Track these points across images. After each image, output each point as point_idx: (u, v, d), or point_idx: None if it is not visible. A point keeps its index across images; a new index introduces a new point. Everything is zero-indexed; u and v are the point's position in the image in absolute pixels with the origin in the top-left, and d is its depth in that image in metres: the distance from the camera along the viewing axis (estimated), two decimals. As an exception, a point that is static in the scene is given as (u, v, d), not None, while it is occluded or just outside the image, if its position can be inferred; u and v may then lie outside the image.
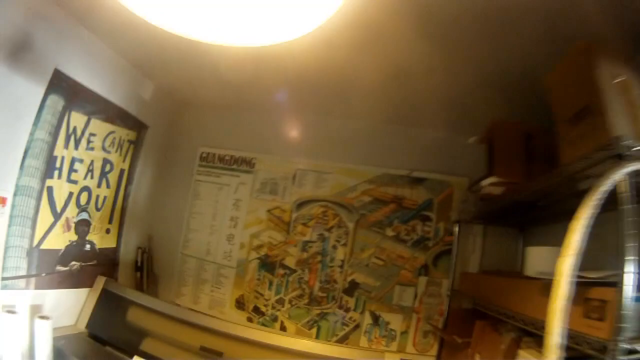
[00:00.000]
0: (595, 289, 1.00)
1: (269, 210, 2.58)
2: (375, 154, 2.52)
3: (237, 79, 2.24)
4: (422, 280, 2.33)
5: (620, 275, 0.91)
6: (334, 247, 2.46)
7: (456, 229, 2.27)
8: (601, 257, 1.37)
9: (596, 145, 1.08)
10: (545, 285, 1.30)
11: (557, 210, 1.70)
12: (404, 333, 2.33)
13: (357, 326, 2.38)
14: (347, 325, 2.39)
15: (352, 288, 2.41)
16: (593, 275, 1.04)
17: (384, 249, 2.39)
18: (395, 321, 2.34)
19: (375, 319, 2.36)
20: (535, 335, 1.34)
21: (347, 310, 2.40)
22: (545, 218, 1.93)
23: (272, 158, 2.63)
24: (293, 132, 2.65)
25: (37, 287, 1.82)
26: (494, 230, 2.30)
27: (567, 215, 1.76)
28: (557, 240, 1.80)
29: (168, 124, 2.75)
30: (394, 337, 2.34)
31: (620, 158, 1.00)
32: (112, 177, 2.28)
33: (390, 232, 2.40)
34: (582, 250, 0.89)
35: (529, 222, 2.06)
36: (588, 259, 1.47)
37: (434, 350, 2.26)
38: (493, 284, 1.75)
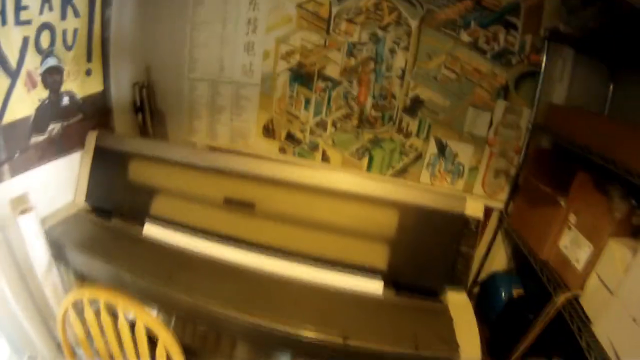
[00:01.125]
0: None
1: (299, 5, 1.77)
2: None
3: None
4: (501, 104, 1.77)
5: None
6: (392, 51, 1.74)
7: (545, 46, 1.76)
8: None
9: None
10: None
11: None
12: (473, 169, 1.79)
13: (420, 156, 1.76)
14: (407, 155, 1.75)
15: (414, 106, 1.75)
16: None
17: (457, 57, 1.75)
18: (465, 153, 1.78)
19: (442, 149, 1.77)
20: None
21: (408, 135, 1.75)
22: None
23: None
24: None
25: (13, 174, 1.38)
26: (583, 60, 1.84)
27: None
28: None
29: None
30: (461, 173, 1.80)
31: None
32: (80, 2, 1.58)
33: (465, 37, 1.75)
34: None
35: (620, 63, 1.63)
36: None
37: (503, 194, 1.79)
38: (605, 127, 1.23)
